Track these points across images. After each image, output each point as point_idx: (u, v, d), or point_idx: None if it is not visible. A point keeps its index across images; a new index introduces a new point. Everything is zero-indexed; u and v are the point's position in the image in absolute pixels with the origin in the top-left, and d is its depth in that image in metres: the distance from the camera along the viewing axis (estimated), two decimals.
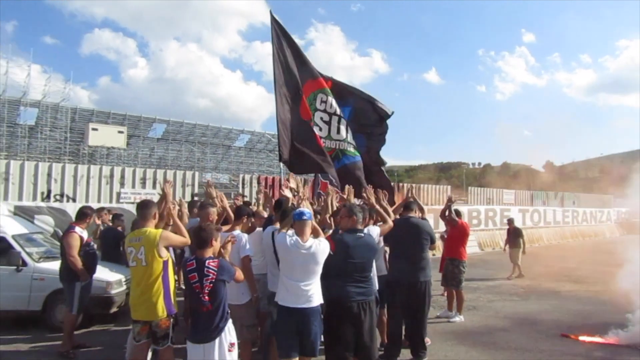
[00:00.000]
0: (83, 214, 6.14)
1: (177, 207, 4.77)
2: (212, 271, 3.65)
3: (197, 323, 3.71)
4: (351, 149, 7.80)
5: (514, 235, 12.71)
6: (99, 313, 6.85)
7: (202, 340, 3.64)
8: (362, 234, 4.41)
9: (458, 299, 7.73)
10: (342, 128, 7.73)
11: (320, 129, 7.63)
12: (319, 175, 8.65)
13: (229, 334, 3.70)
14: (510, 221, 13.34)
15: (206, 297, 3.61)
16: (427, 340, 6.11)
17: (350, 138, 7.84)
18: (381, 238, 5.11)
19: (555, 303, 9.11)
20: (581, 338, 6.57)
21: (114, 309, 6.88)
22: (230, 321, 3.76)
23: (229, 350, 3.65)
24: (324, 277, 4.09)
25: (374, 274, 4.74)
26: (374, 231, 4.71)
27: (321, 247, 4.03)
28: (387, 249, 5.87)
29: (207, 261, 3.69)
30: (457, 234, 7.80)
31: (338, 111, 7.73)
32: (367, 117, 8.13)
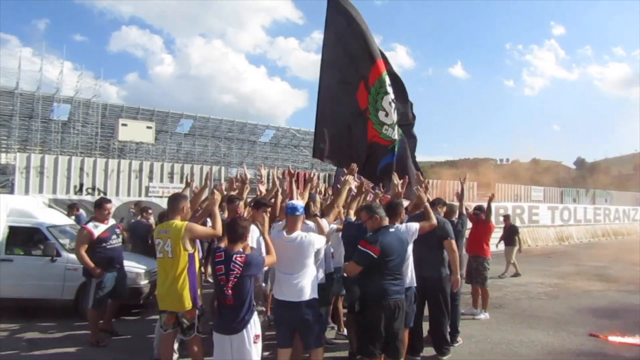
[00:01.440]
0: (97, 206, 6.02)
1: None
2: (238, 267, 3.64)
3: (222, 314, 3.75)
4: (396, 146, 7.42)
5: (510, 232, 12.20)
6: (129, 303, 7.06)
7: (228, 332, 3.68)
8: (393, 229, 4.28)
9: (483, 296, 7.65)
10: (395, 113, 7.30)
11: (387, 114, 7.15)
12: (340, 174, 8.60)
13: (255, 326, 3.75)
14: (507, 217, 12.84)
15: (229, 291, 3.63)
16: (459, 340, 6.08)
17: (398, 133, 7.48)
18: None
19: (585, 302, 8.90)
20: (610, 338, 6.41)
21: (142, 299, 7.08)
22: (255, 314, 3.79)
23: (254, 342, 3.70)
24: (360, 274, 4.09)
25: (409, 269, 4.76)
26: (412, 227, 4.64)
27: (307, 240, 4.05)
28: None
29: (234, 255, 3.69)
30: (481, 230, 7.71)
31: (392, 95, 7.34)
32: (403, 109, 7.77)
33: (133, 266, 6.98)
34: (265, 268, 4.44)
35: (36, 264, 6.83)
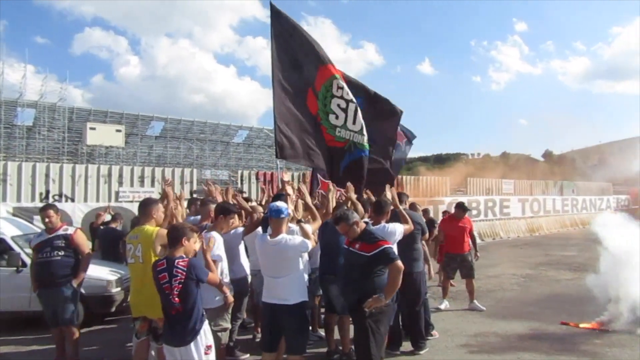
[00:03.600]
0: (39, 213, 5.40)
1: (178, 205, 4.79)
2: (181, 271, 3.48)
3: (171, 325, 3.57)
4: (364, 142, 7.43)
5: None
6: (100, 312, 6.89)
7: (177, 344, 3.50)
8: (377, 227, 4.66)
9: (472, 287, 7.89)
10: (359, 117, 7.32)
11: (337, 117, 7.22)
12: (318, 173, 8.60)
13: (205, 336, 3.59)
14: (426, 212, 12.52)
15: (176, 299, 3.45)
16: (435, 333, 6.17)
17: (364, 129, 7.46)
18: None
19: (556, 291, 9.14)
20: (581, 325, 6.61)
21: (114, 308, 6.91)
22: (206, 322, 3.65)
23: (206, 353, 3.54)
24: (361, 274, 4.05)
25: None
26: (398, 228, 4.78)
27: (292, 243, 3.94)
28: None
29: (176, 261, 3.53)
30: (465, 228, 7.92)
31: (354, 99, 7.37)
32: (378, 111, 7.79)
33: (104, 274, 6.82)
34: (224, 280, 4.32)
35: (0, 276, 6.57)
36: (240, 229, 5.11)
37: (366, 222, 4.42)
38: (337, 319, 5.39)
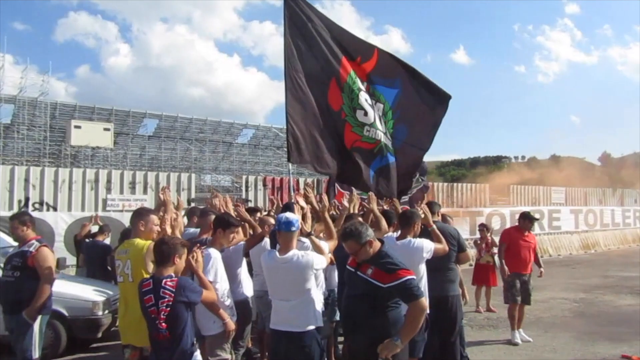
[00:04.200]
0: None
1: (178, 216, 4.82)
2: (169, 292, 3.44)
3: (157, 354, 3.55)
4: (391, 146, 7.48)
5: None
6: (86, 337, 6.97)
7: None
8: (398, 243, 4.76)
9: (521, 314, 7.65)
10: (382, 119, 7.35)
11: (366, 114, 7.15)
12: (335, 182, 8.62)
13: None
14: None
15: (162, 324, 3.41)
16: None
17: (388, 131, 7.49)
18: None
19: (615, 319, 8.97)
20: None
21: (100, 333, 6.99)
22: (198, 352, 3.64)
23: None
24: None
25: None
26: (427, 246, 4.84)
27: (305, 260, 3.91)
28: None
29: (164, 280, 3.48)
30: (530, 244, 7.74)
31: (381, 98, 7.42)
32: (416, 102, 7.66)
33: (89, 294, 6.91)
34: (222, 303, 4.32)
35: None
36: (241, 244, 5.09)
37: (381, 239, 4.24)
38: None
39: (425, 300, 3.58)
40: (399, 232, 5.12)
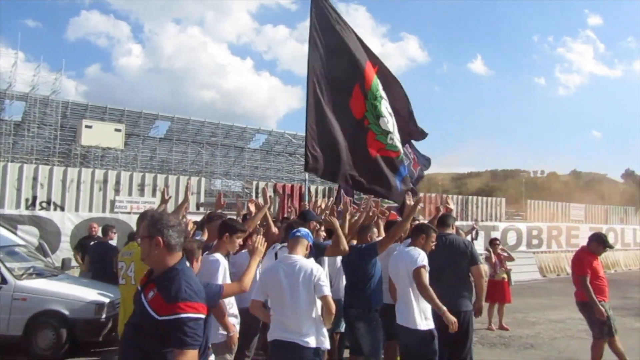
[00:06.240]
0: None
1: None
2: None
3: None
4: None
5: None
6: (87, 340, 7.00)
7: None
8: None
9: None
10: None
11: (388, 122, 7.17)
12: (342, 190, 8.61)
13: None
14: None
15: None
16: None
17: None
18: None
19: (634, 343, 8.80)
20: None
21: (102, 336, 7.00)
22: (213, 357, 3.62)
23: None
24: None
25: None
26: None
27: (311, 267, 3.94)
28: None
29: None
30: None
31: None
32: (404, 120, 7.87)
33: (93, 295, 6.94)
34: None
35: None
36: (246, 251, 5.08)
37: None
38: None
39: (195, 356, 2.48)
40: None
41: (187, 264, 2.74)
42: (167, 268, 2.60)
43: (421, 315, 4.70)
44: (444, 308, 4.67)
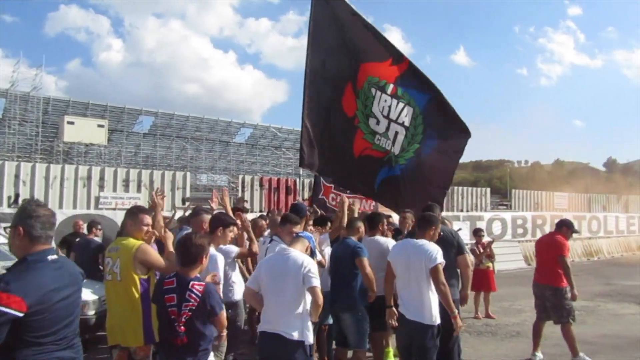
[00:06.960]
0: None
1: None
2: (195, 296, 3.39)
3: (169, 358, 3.52)
4: (410, 153, 7.36)
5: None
6: None
7: None
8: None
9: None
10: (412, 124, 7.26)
11: (378, 122, 7.15)
12: (321, 178, 8.62)
13: None
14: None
15: (182, 328, 3.35)
16: None
17: (417, 136, 7.37)
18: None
19: (617, 328, 8.97)
20: None
21: (87, 334, 6.97)
22: (212, 354, 3.62)
23: None
24: None
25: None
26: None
27: (302, 259, 3.94)
28: None
29: (192, 283, 3.43)
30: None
31: (411, 102, 7.30)
32: (443, 115, 7.59)
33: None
34: None
35: None
36: (233, 248, 5.09)
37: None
38: (352, 355, 5.37)
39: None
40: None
41: (54, 256, 2.68)
42: (21, 258, 2.60)
43: (435, 311, 4.69)
44: (457, 311, 4.69)
